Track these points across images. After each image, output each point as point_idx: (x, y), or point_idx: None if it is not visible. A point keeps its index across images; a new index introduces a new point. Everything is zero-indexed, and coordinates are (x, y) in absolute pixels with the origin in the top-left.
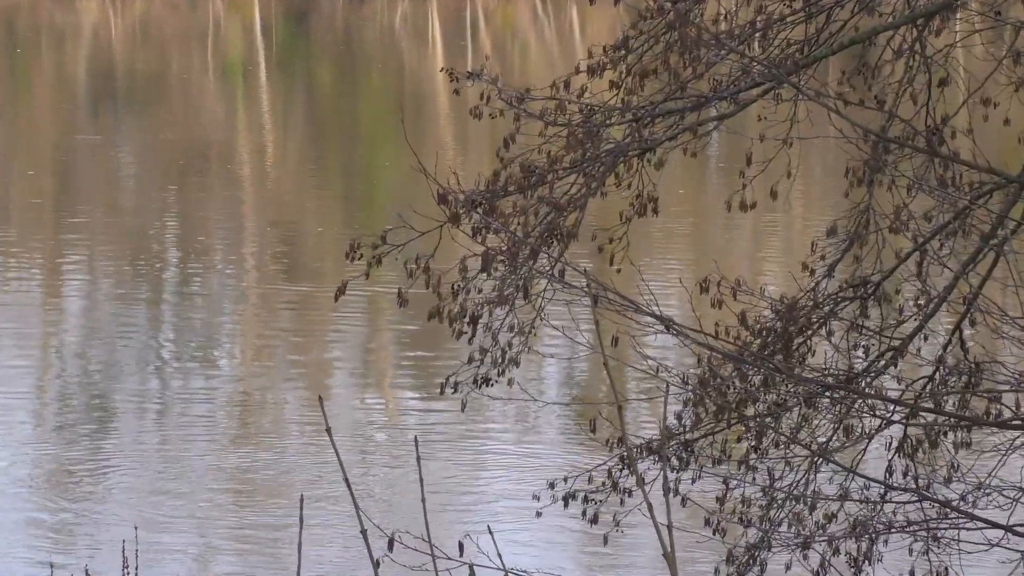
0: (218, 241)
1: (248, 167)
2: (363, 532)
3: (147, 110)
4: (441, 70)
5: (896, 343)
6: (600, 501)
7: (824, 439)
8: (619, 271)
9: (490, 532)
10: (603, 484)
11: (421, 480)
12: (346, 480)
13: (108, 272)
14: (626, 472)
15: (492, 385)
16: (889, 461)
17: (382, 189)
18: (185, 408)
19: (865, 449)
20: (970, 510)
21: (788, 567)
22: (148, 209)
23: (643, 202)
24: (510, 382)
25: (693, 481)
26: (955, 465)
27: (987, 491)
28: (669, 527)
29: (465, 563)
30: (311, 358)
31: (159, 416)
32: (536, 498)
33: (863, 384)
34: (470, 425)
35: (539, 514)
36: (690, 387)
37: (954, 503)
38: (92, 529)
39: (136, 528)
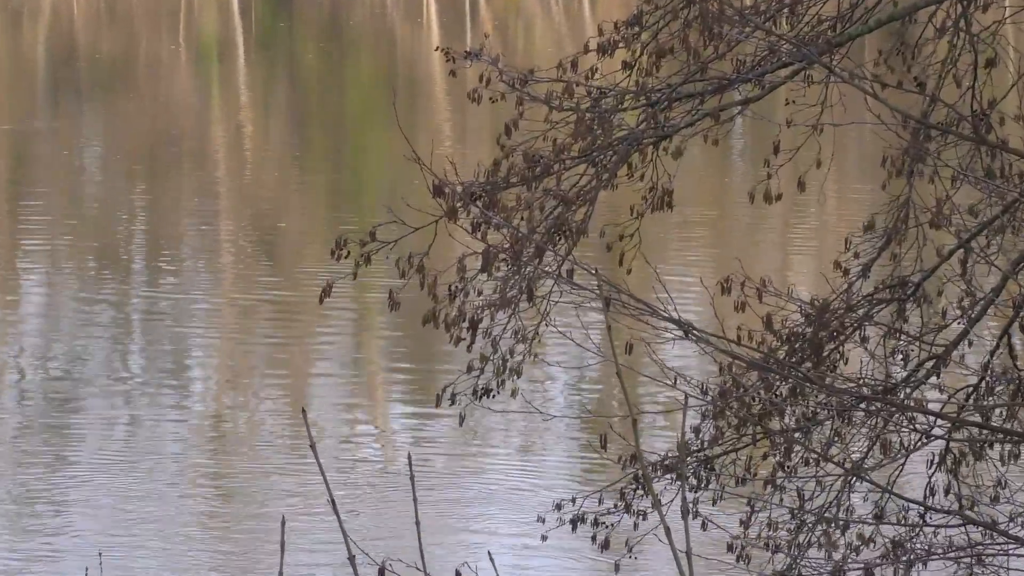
0: (190, 239)
1: (224, 157)
2: (351, 559)
3: (112, 96)
4: (436, 50)
5: (938, 350)
6: (612, 524)
7: (859, 455)
8: (630, 271)
9: (491, 559)
10: (615, 506)
11: (415, 501)
12: (332, 501)
13: (68, 273)
14: (640, 492)
15: (493, 397)
16: (930, 479)
17: (371, 181)
18: (154, 424)
19: (903, 466)
20: (1019, 533)
21: None
22: (113, 204)
23: (658, 195)
24: (513, 393)
25: (714, 502)
26: (1002, 483)
27: None
28: (688, 554)
29: None
30: (293, 367)
31: (126, 433)
32: (541, 521)
33: (902, 395)
34: (469, 441)
35: (544, 538)
36: (711, 398)
37: (1001, 525)
38: (51, 564)
39: (100, 555)
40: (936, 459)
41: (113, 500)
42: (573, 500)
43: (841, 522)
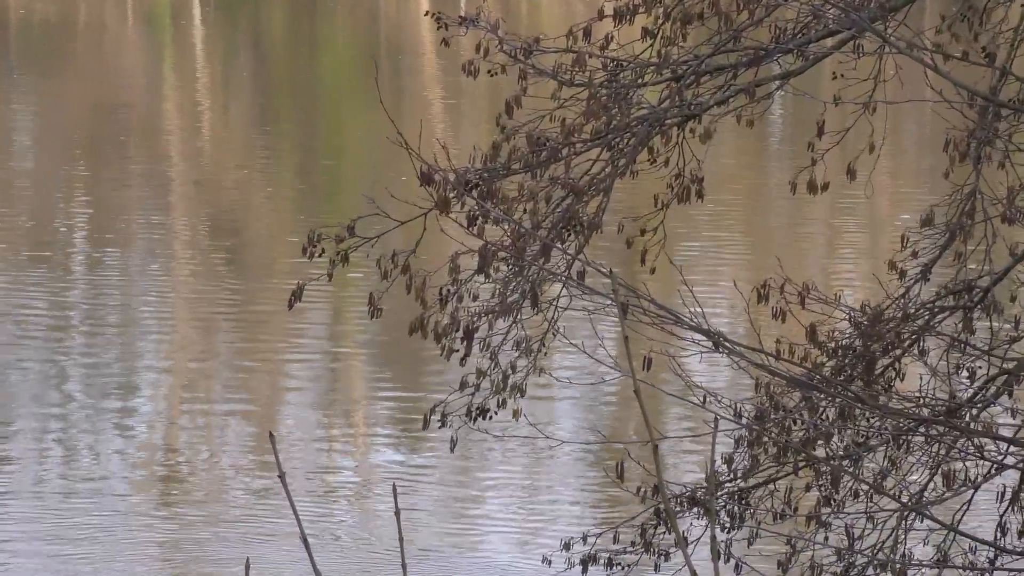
0: (139, 233)
1: (178, 139)
2: None
3: (49, 67)
4: (426, 15)
5: (1010, 365)
6: (629, 566)
7: (918, 488)
8: (653, 271)
9: None
10: (633, 544)
11: (401, 540)
12: (304, 540)
13: None
14: (663, 529)
15: (491, 418)
16: (1001, 516)
17: (350, 167)
18: (96, 450)
19: (970, 501)
20: None
21: None
22: (47, 192)
23: (685, 184)
24: (515, 414)
25: (749, 542)
26: None
27: None
28: None
29: None
30: (258, 383)
31: (63, 462)
32: (547, 562)
33: (967, 417)
34: (463, 469)
35: None
36: (745, 422)
37: None
38: None
39: None
40: (1008, 493)
41: (48, 539)
42: (584, 538)
43: (897, 565)
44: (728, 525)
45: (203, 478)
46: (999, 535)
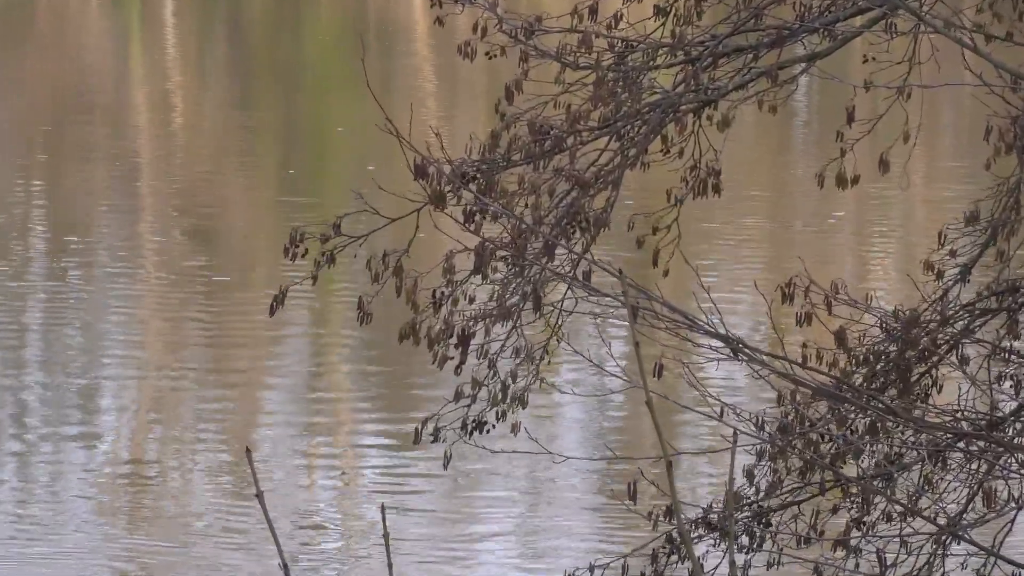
0: (104, 233)
1: (147, 128)
2: None
3: (5, 50)
4: None
5: None
6: None
7: (956, 509)
8: (666, 273)
9: None
10: (643, 573)
11: (389, 565)
12: (283, 566)
13: None
14: (677, 555)
15: (488, 432)
16: None
17: (335, 159)
18: (56, 476)
19: (1013, 522)
20: None
21: None
22: (4, 185)
23: (701, 177)
24: (514, 428)
25: (770, 567)
26: None
27: None
28: None
29: None
30: (235, 395)
31: (20, 489)
32: None
33: (1010, 431)
34: (458, 488)
35: None
36: (767, 435)
37: None
38: None
39: None
40: None
41: (6, 573)
42: (591, 569)
43: None
44: (748, 549)
45: (174, 501)
46: None
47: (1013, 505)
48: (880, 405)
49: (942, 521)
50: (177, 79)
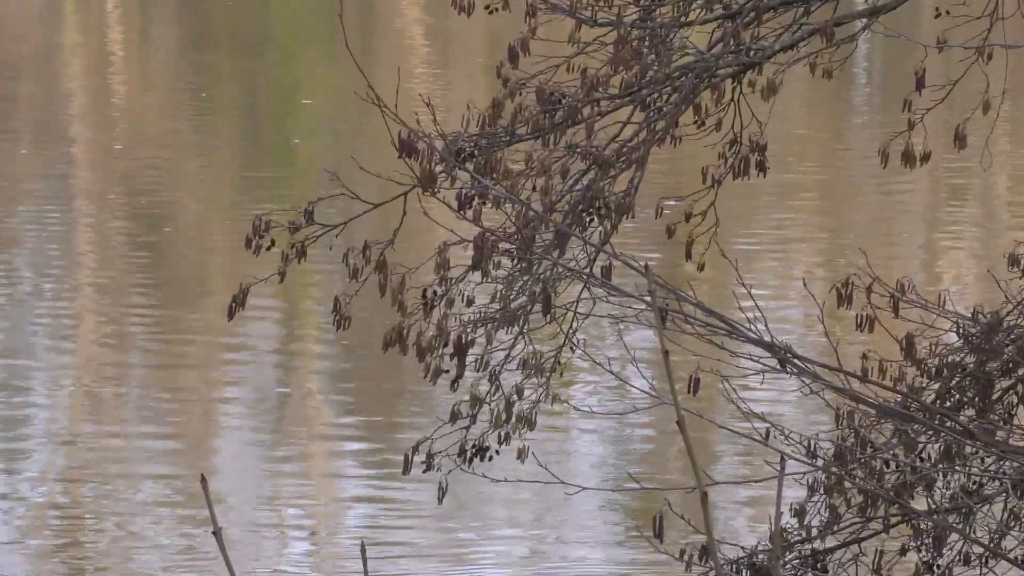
0: (33, 224)
1: (85, 101)
2: None
3: None
4: None
5: None
6: None
7: None
8: (701, 268)
9: None
10: None
11: None
12: None
13: None
14: None
15: (491, 459)
16: None
17: (307, 134)
18: None
19: None
20: None
21: None
22: None
23: (742, 154)
24: (521, 454)
25: None
26: None
27: None
28: None
29: None
30: (186, 415)
31: None
32: None
33: None
34: (454, 525)
35: None
36: (821, 462)
37: None
38: None
39: None
40: None
41: None
42: None
43: None
44: None
45: (114, 536)
46: None
47: None
48: (956, 426)
49: None
50: (118, 40)
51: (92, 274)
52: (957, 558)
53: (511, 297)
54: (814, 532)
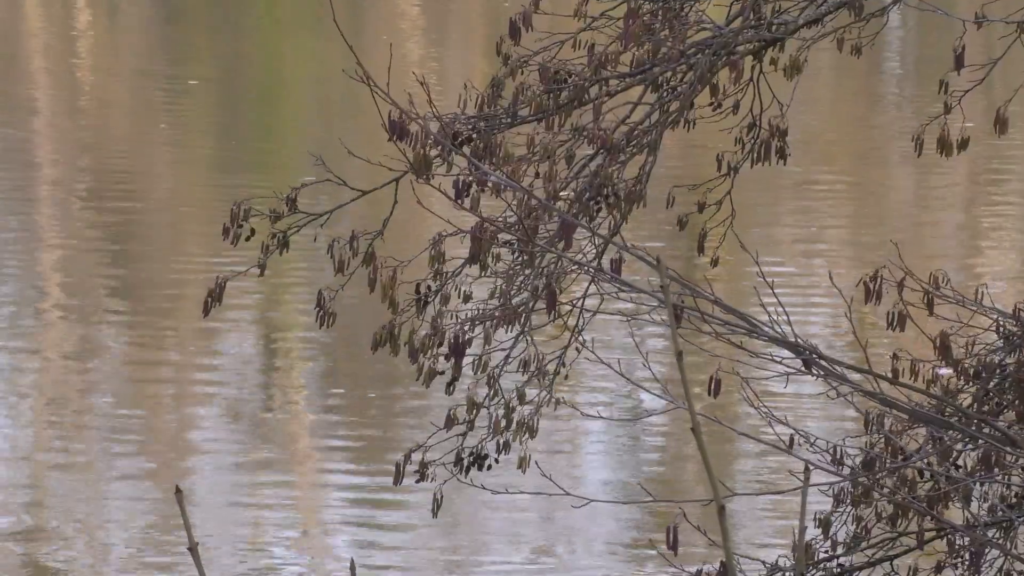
0: None
1: (48, 78)
2: None
3: None
4: None
5: None
6: None
7: None
8: (715, 263)
9: None
10: None
11: None
12: None
13: None
14: None
15: (489, 468)
16: None
17: (290, 115)
18: None
19: None
20: None
21: None
22: None
23: (762, 138)
24: (523, 463)
25: None
26: None
27: None
28: None
29: None
30: (159, 420)
31: None
32: None
33: None
34: (450, 540)
35: None
36: (849, 471)
37: None
38: None
39: None
40: None
41: None
42: None
43: None
44: None
45: (83, 558)
46: None
47: None
48: (995, 433)
49: None
50: (86, 14)
51: (56, 252)
52: (998, 575)
53: (512, 293)
54: (841, 547)
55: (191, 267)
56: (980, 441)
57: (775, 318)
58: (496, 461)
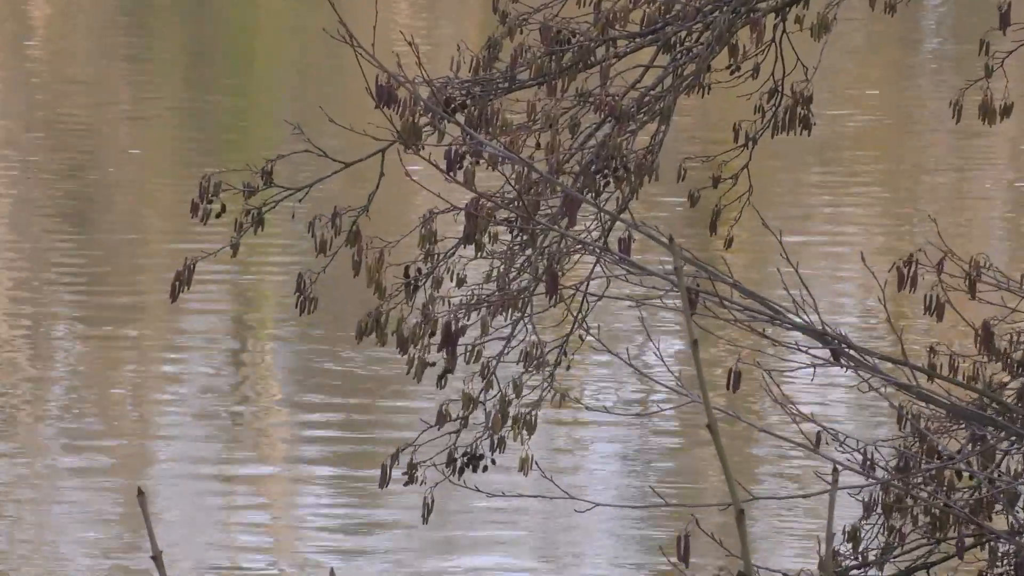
0: None
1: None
2: None
3: None
4: None
5: None
6: None
7: None
8: (730, 244)
9: None
10: None
11: None
12: None
13: None
14: None
15: (485, 469)
16: None
17: (266, 79)
18: None
19: None
20: None
21: None
22: None
23: (785, 105)
24: (523, 464)
25: None
26: None
27: None
28: None
29: None
30: (120, 414)
31: None
32: None
33: None
34: (442, 548)
35: None
36: (882, 474)
37: None
38: None
39: None
40: None
41: None
42: None
43: None
44: None
45: (37, 565)
46: None
47: None
48: None
49: None
50: None
51: (9, 235)
52: None
53: (510, 276)
54: (872, 556)
55: (157, 248)
56: None
57: (800, 303)
58: (493, 462)
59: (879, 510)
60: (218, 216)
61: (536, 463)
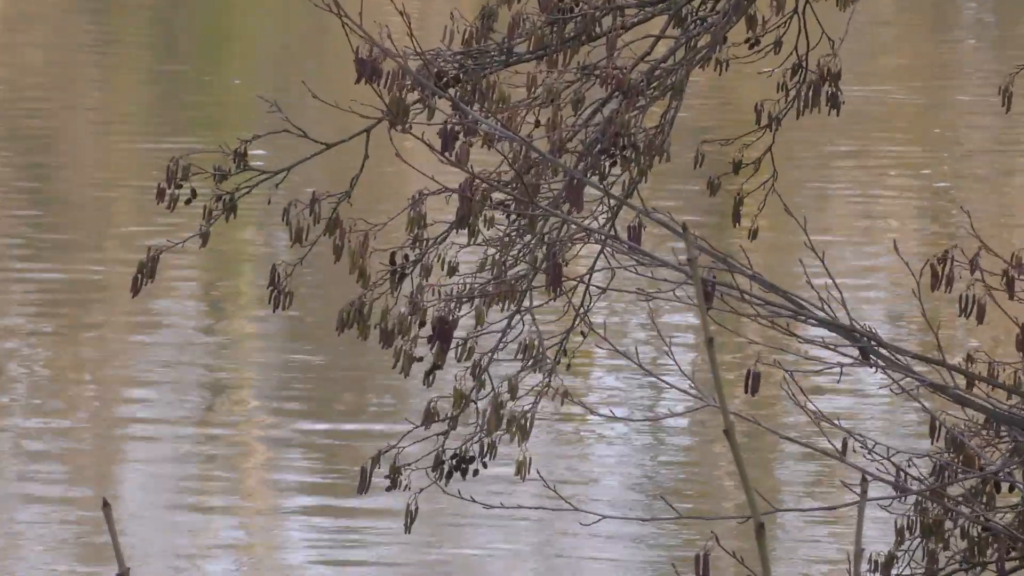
0: None
1: None
2: None
3: None
4: None
5: None
6: None
7: None
8: (754, 235)
9: None
10: None
11: None
12: None
13: None
14: None
15: (476, 474)
16: None
17: (239, 51)
18: None
19: None
20: None
21: None
22: None
23: (809, 82)
24: (520, 468)
25: None
26: None
27: None
28: None
29: None
30: (84, 419)
31: None
32: None
33: None
34: (428, 559)
35: None
36: (917, 486)
37: None
38: None
39: None
40: None
41: None
42: None
43: None
44: None
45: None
46: None
47: None
48: None
49: None
50: None
51: None
52: None
53: (507, 264)
54: (905, 571)
55: (119, 228)
56: None
57: (825, 298)
58: (484, 466)
59: (917, 531)
60: (187, 202)
61: (536, 470)
